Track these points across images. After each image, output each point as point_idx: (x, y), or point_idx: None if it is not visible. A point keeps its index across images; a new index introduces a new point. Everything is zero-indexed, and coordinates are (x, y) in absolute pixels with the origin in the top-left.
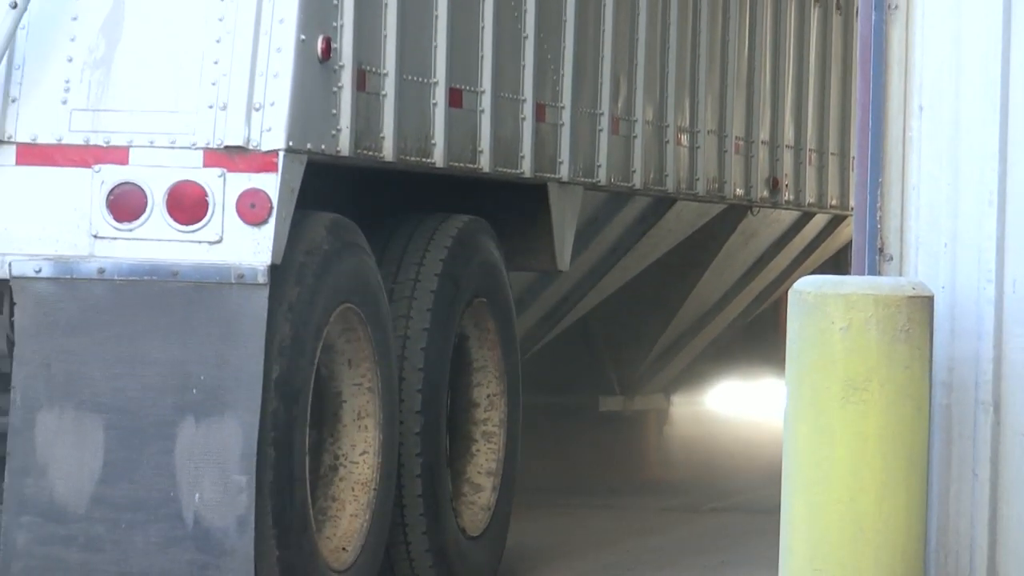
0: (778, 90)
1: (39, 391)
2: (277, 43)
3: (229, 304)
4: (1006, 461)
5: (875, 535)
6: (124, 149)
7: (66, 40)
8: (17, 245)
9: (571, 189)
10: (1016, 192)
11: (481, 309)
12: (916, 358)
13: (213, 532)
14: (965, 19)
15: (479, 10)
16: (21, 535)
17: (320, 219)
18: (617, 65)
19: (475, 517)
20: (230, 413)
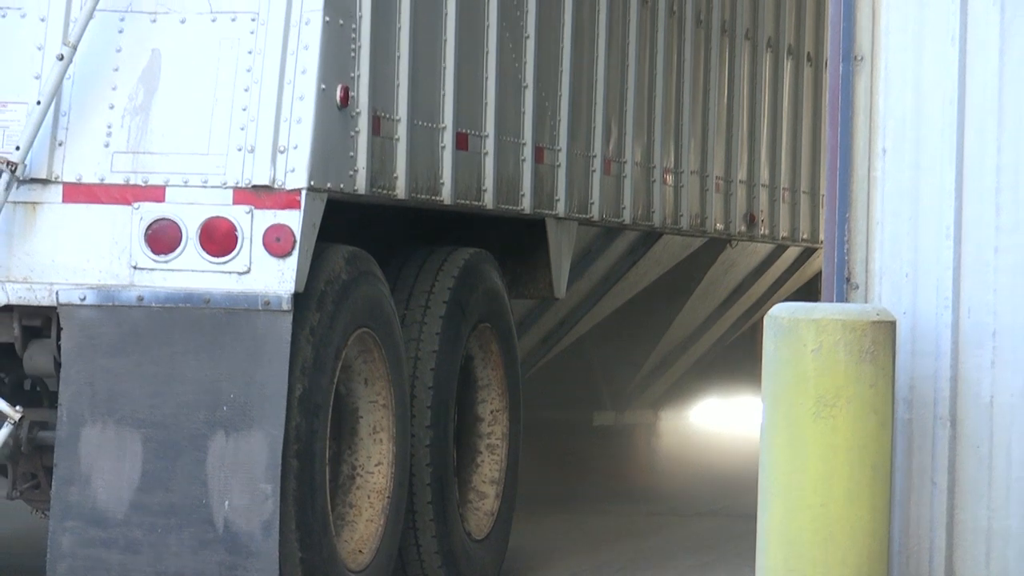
0: (755, 134)
1: (83, 407)
2: (300, 91)
3: (256, 328)
4: (962, 470)
5: (844, 538)
6: (161, 188)
7: (108, 89)
8: (63, 275)
9: (567, 224)
10: (971, 227)
11: (485, 333)
12: (880, 377)
13: (241, 536)
14: (925, 70)
15: (483, 61)
16: (66, 538)
17: (339, 251)
18: (609, 112)
19: (480, 522)
20: (257, 427)
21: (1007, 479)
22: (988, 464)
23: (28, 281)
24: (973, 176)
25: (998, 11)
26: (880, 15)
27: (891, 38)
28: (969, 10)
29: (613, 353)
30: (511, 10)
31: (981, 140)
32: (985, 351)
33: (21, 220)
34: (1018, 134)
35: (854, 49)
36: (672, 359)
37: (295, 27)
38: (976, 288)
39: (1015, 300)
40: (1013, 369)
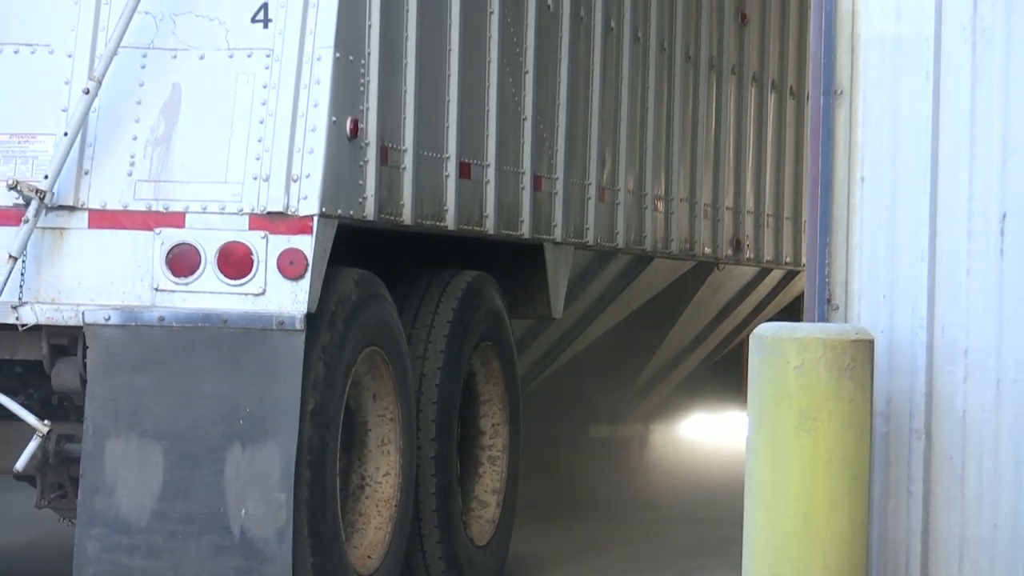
0: (741, 163)
1: (108, 421)
2: (312, 124)
3: (271, 347)
4: (936, 481)
5: (825, 544)
6: (181, 214)
7: (131, 121)
8: (89, 296)
9: (564, 248)
10: (944, 251)
11: (487, 351)
12: (859, 392)
13: (256, 542)
14: (901, 104)
15: (485, 95)
16: (91, 544)
17: (349, 274)
18: (603, 143)
19: (482, 529)
20: (271, 440)
21: (979, 489)
22: (961, 474)
23: (56, 302)
24: (946, 204)
25: (969, 49)
26: (858, 52)
27: (869, 74)
28: (942, 48)
29: (607, 370)
30: (511, 47)
31: (954, 170)
32: (958, 368)
33: (49, 245)
34: (988, 165)
35: (834, 84)
36: (663, 375)
37: (307, 63)
38: (949, 309)
39: (986, 320)
40: (984, 385)
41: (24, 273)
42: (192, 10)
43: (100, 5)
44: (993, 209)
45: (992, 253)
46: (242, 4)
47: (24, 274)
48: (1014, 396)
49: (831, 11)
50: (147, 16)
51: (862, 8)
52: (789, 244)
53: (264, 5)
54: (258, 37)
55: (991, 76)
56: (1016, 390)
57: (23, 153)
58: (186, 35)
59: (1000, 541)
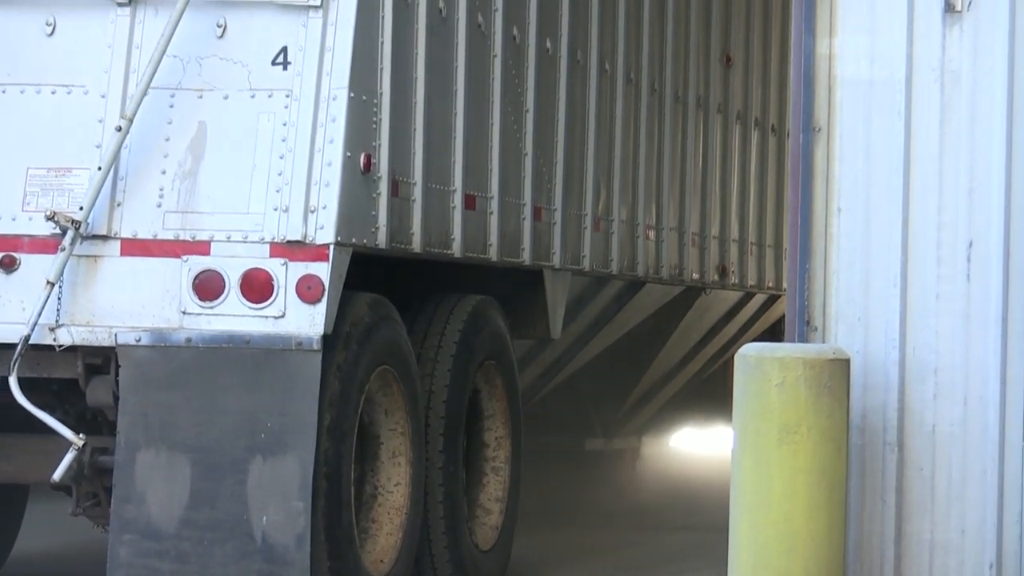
0: (726, 195)
1: (138, 435)
2: (328, 159)
3: (290, 366)
4: (908, 490)
5: (805, 549)
6: (207, 243)
7: (160, 156)
8: (121, 319)
9: (562, 274)
10: (915, 277)
11: (491, 369)
12: (836, 408)
13: (277, 547)
14: (874, 140)
15: (488, 132)
16: (123, 550)
17: (362, 298)
18: (598, 176)
19: (486, 535)
20: (291, 452)
21: (947, 497)
22: (931, 484)
23: (90, 325)
24: (917, 233)
25: (938, 90)
26: (835, 92)
27: (845, 112)
28: (913, 89)
29: (602, 387)
30: (512, 88)
31: (924, 201)
32: (928, 386)
33: (84, 271)
34: (956, 196)
35: (813, 121)
36: (654, 392)
37: (324, 102)
38: (920, 330)
39: (954, 341)
40: (952, 401)
41: (61, 297)
42: (217, 53)
43: (131, 49)
44: (960, 237)
45: (959, 278)
46: (263, 48)
47: (61, 298)
48: (980, 412)
49: (810, 54)
50: (175, 59)
51: (839, 52)
52: (771, 270)
53: (284, 49)
54: (278, 78)
55: (958, 115)
56: (982, 406)
57: (60, 186)
58: (211, 77)
59: (968, 546)
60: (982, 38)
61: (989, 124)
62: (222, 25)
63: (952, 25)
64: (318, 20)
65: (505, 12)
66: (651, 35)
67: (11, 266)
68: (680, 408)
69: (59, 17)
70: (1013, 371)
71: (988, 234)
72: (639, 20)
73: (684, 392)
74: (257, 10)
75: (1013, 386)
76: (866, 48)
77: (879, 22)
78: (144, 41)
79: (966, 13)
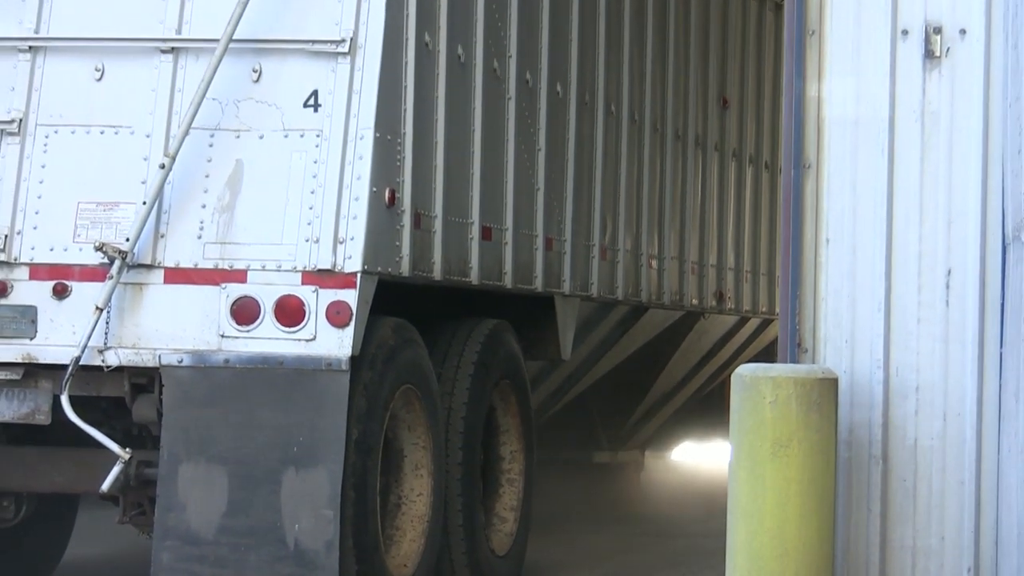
0: (723, 227)
1: (180, 449)
2: (355, 194)
3: (320, 385)
4: (892, 500)
5: (796, 554)
6: (243, 271)
7: (200, 192)
8: (164, 342)
9: (571, 300)
10: (898, 303)
11: (506, 388)
12: (825, 424)
13: (308, 553)
14: (860, 176)
15: (503, 169)
16: (166, 554)
17: (387, 322)
18: (605, 210)
19: (501, 541)
20: (321, 465)
21: (928, 506)
22: (913, 494)
23: (136, 347)
24: (899, 261)
25: (919, 129)
26: (824, 130)
27: (832, 149)
28: (895, 128)
29: (608, 404)
30: (525, 127)
31: (906, 233)
32: (910, 403)
33: (130, 298)
34: (935, 228)
35: (803, 158)
36: (656, 409)
37: (352, 142)
38: (902, 352)
39: (934, 362)
40: (932, 417)
41: (109, 322)
42: (253, 96)
43: (174, 92)
44: (939, 266)
45: (939, 304)
46: (296, 91)
47: (109, 323)
48: (958, 427)
49: (800, 96)
50: (214, 102)
51: (827, 94)
52: (764, 296)
53: (315, 92)
54: (309, 120)
55: (937, 152)
56: (960, 422)
57: (108, 219)
58: (248, 118)
59: (947, 552)
60: (959, 82)
61: (966, 161)
62: (257, 70)
63: (931, 70)
64: (346, 65)
65: (519, 58)
66: (653, 79)
67: (63, 293)
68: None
69: (107, 63)
70: (988, 390)
71: (965, 263)
72: (642, 65)
73: (684, 409)
74: (290, 56)
75: (988, 403)
76: (852, 90)
77: (864, 66)
78: (186, 85)
79: (944, 59)
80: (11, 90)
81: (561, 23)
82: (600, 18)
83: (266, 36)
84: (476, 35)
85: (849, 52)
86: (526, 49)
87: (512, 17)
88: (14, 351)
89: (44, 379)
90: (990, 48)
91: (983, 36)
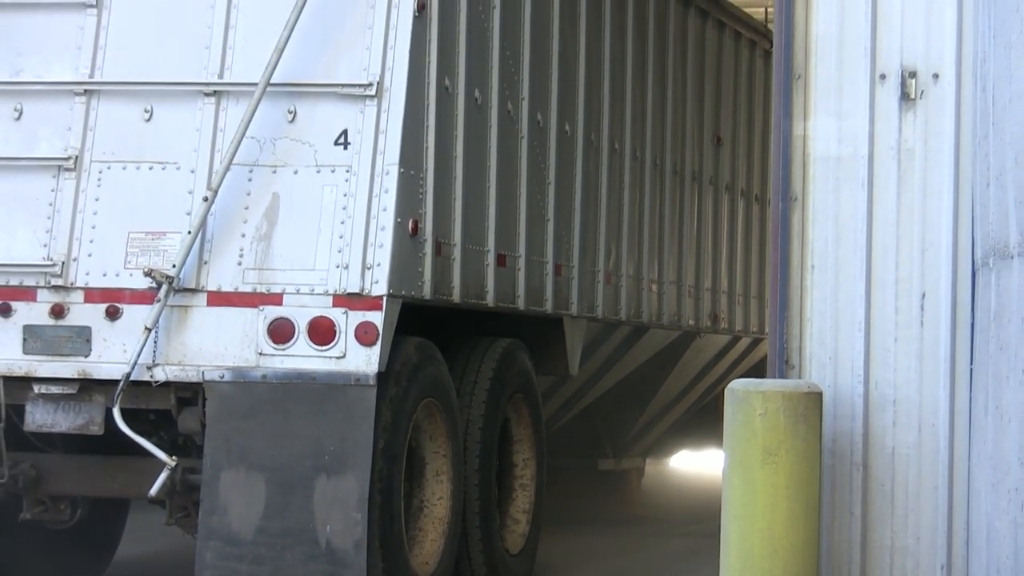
0: (717, 254)
1: (222, 457)
2: (382, 224)
3: (349, 399)
4: (872, 503)
5: (785, 553)
6: (279, 295)
7: (240, 222)
8: (207, 359)
9: (579, 320)
10: (877, 323)
11: (519, 401)
12: (811, 434)
13: (339, 552)
14: (842, 207)
15: (517, 202)
16: (209, 553)
17: (411, 341)
18: (609, 238)
19: (515, 541)
20: (350, 471)
21: (904, 509)
22: (891, 499)
23: (181, 364)
24: (878, 286)
25: (895, 165)
26: (809, 166)
27: (817, 184)
28: (874, 164)
29: (613, 416)
30: (536, 163)
31: (883, 259)
32: (888, 415)
33: (176, 319)
34: (911, 255)
35: (790, 191)
36: (656, 420)
37: (378, 177)
38: (881, 368)
39: (910, 377)
40: (908, 428)
41: (157, 341)
42: (288, 135)
43: (216, 132)
44: (915, 290)
45: (914, 325)
46: (327, 130)
47: (157, 342)
48: (932, 437)
49: (787, 135)
50: (253, 140)
51: (812, 133)
52: (755, 317)
53: (344, 131)
54: (340, 156)
55: (912, 186)
56: (933, 432)
57: (156, 247)
58: (283, 155)
59: (922, 551)
60: (932, 122)
61: (939, 194)
62: (292, 111)
63: (907, 111)
64: (373, 107)
65: (531, 100)
66: (653, 119)
67: (115, 315)
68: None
69: (155, 105)
70: (959, 403)
71: (938, 288)
72: (643, 106)
73: (682, 420)
74: (322, 99)
75: (959, 415)
76: (835, 130)
77: (846, 108)
78: (227, 125)
79: (919, 101)
80: (68, 130)
81: (569, 69)
82: (605, 64)
83: (300, 80)
84: (492, 79)
85: (832, 95)
86: (537, 92)
87: (524, 63)
88: (70, 368)
89: (98, 393)
90: (960, 91)
91: (954, 80)
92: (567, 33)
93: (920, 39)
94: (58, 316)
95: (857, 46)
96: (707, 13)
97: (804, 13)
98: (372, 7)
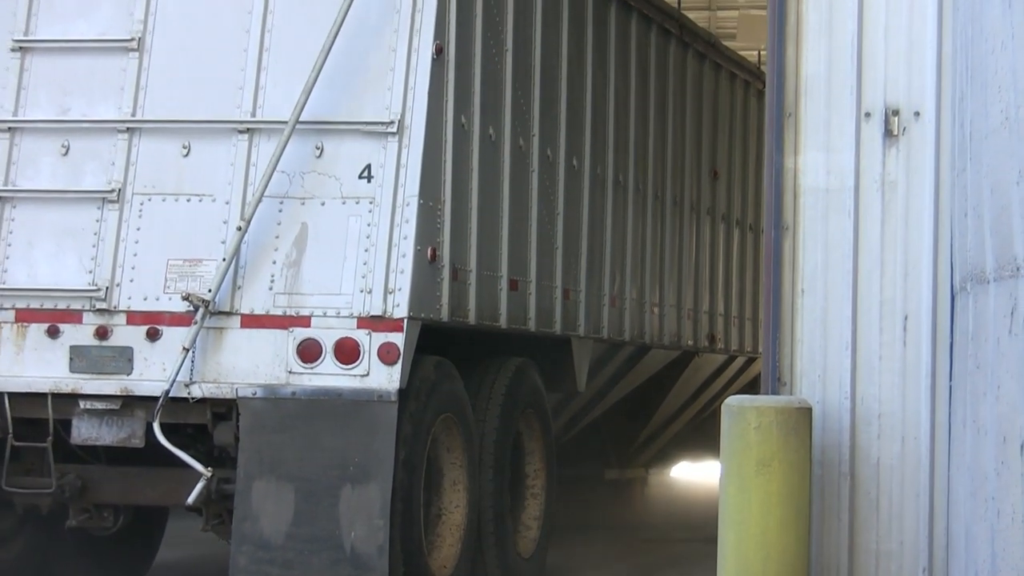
0: (714, 279)
1: (254, 468)
2: (402, 251)
3: (372, 414)
4: (858, 511)
5: (778, 556)
6: (308, 317)
7: (272, 250)
8: (241, 377)
9: (586, 341)
10: (863, 343)
11: (530, 416)
12: (802, 446)
13: (362, 556)
14: (830, 235)
15: (528, 230)
16: (242, 558)
17: (429, 360)
18: (614, 265)
19: (527, 546)
20: (373, 481)
21: (889, 516)
22: (876, 506)
23: (216, 381)
24: (864, 308)
25: (879, 196)
26: (799, 198)
27: (807, 213)
28: (860, 195)
29: (617, 429)
30: (546, 195)
31: (869, 284)
32: (873, 428)
33: (212, 340)
34: (894, 279)
35: (782, 221)
36: (658, 433)
37: (400, 207)
38: (867, 384)
39: (893, 393)
40: (892, 440)
41: (194, 360)
42: (316, 169)
43: (249, 166)
44: (898, 312)
45: (898, 344)
46: (352, 165)
47: (194, 361)
48: (914, 449)
49: (779, 168)
50: (283, 174)
51: (802, 166)
52: (749, 338)
53: (368, 166)
54: (363, 189)
55: (895, 216)
56: (916, 444)
57: (193, 273)
58: (312, 188)
59: (906, 554)
60: (914, 156)
61: (920, 223)
62: (320, 147)
63: (890, 146)
64: (395, 143)
65: (541, 136)
66: (654, 154)
67: (155, 336)
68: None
69: (193, 142)
70: (940, 417)
71: (920, 310)
72: (645, 142)
73: (682, 433)
74: (347, 136)
75: (940, 429)
76: (823, 164)
77: (833, 143)
78: (259, 160)
79: (901, 137)
80: (111, 164)
81: (577, 108)
82: (609, 103)
83: (327, 119)
84: (505, 117)
85: (820, 131)
86: (547, 129)
87: (535, 102)
88: (113, 385)
89: (139, 409)
90: (940, 127)
91: (934, 117)
92: (575, 74)
93: (902, 80)
94: (102, 337)
95: (844, 86)
96: (704, 56)
97: (795, 55)
98: (394, 51)
